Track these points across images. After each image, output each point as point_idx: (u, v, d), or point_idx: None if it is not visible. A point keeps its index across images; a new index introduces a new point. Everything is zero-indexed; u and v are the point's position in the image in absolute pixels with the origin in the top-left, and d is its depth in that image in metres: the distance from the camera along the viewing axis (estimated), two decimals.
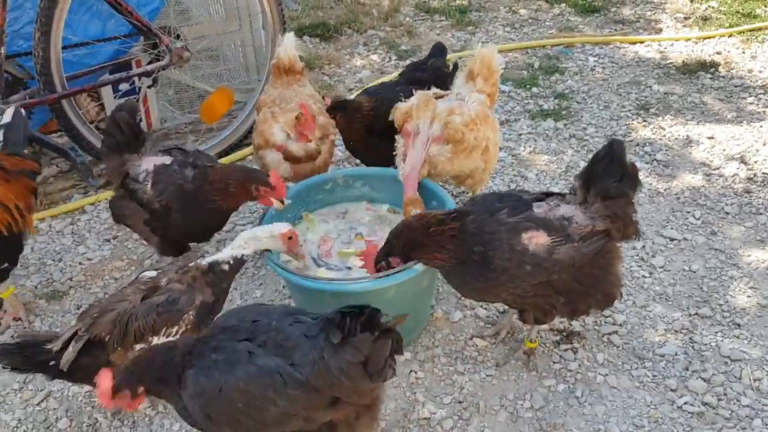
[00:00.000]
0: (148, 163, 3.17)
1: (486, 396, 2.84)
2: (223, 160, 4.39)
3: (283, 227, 2.77)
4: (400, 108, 3.40)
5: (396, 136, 3.40)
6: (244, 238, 2.71)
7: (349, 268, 3.06)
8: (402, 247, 2.69)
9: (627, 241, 2.75)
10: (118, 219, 3.34)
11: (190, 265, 2.66)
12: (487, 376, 2.93)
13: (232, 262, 2.67)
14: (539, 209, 2.63)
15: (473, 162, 3.37)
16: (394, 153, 3.38)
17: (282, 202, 3.06)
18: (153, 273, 2.71)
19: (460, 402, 2.83)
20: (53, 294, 3.48)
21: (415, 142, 3.27)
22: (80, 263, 3.68)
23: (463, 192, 4.01)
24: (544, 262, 2.54)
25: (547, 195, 2.73)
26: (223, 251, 2.70)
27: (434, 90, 3.54)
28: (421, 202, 3.14)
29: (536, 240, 2.54)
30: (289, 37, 3.63)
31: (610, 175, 2.62)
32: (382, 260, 2.73)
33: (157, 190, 3.10)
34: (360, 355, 2.08)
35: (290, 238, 2.75)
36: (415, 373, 2.96)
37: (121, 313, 2.55)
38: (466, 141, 3.25)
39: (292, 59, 3.58)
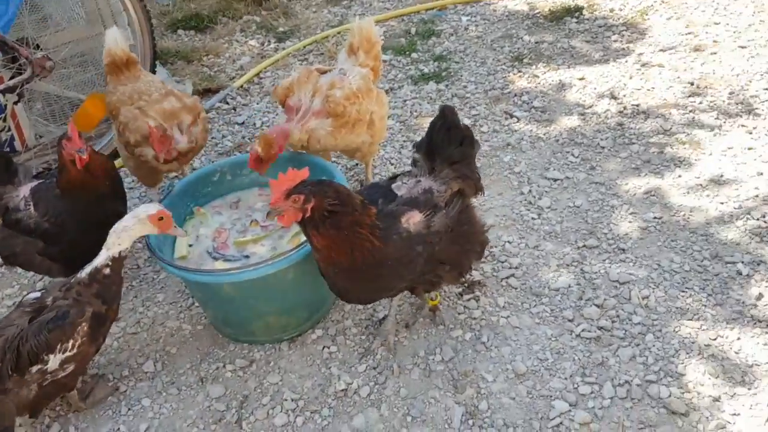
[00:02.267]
0: (24, 190, 3.03)
1: (399, 357, 2.91)
2: None
3: (150, 208, 2.62)
4: (282, 83, 3.39)
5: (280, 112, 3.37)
6: (115, 232, 2.59)
7: (247, 256, 3.05)
8: (324, 206, 2.36)
9: (476, 196, 2.89)
10: (10, 261, 3.15)
11: (71, 281, 2.58)
12: (398, 338, 3.00)
13: (111, 263, 2.58)
14: (400, 191, 2.66)
15: (359, 137, 3.38)
16: None
17: (81, 153, 2.86)
18: (37, 294, 2.62)
19: (374, 368, 2.88)
20: None
21: (298, 116, 3.27)
22: None
23: (357, 164, 4.05)
24: (426, 237, 2.56)
25: (393, 177, 2.78)
26: (98, 255, 2.61)
27: (317, 65, 3.54)
28: (272, 144, 3.10)
29: (413, 219, 2.56)
30: (114, 31, 3.49)
31: (450, 142, 2.71)
32: (302, 191, 2.35)
33: (41, 209, 2.97)
34: None
35: (161, 218, 2.60)
36: (328, 348, 2.99)
37: (9, 339, 2.46)
38: (347, 114, 3.25)
39: (126, 52, 3.47)
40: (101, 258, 2.59)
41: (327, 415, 2.73)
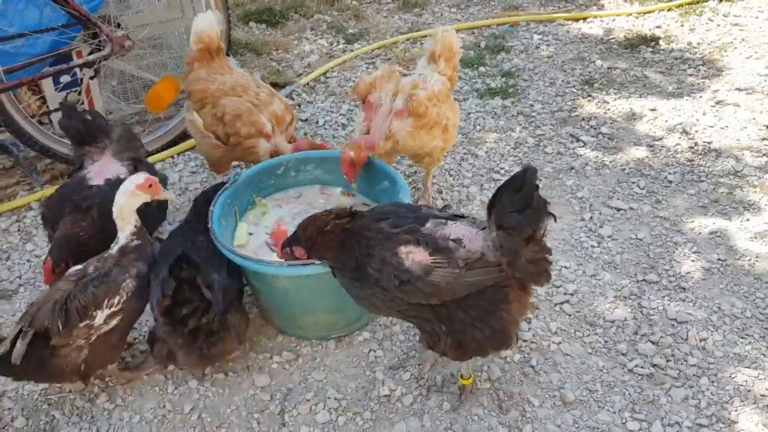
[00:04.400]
0: (102, 167, 3.16)
1: (444, 371, 2.89)
2: (172, 150, 4.34)
3: (137, 178, 2.72)
4: (365, 79, 3.44)
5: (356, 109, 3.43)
6: (118, 217, 2.70)
7: None
8: (304, 240, 2.49)
9: (529, 282, 2.45)
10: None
11: (105, 255, 2.71)
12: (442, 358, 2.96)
13: (134, 235, 2.71)
14: (426, 224, 2.42)
15: (433, 139, 3.41)
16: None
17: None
18: (79, 266, 2.73)
19: (418, 379, 2.87)
20: (2, 293, 3.39)
21: (378, 114, 3.31)
22: (28, 261, 3.60)
23: (417, 171, 4.05)
24: (418, 281, 2.34)
25: (458, 216, 2.51)
26: (118, 238, 2.73)
27: (398, 67, 3.57)
28: (362, 150, 3.19)
29: (414, 256, 2.35)
30: (209, 14, 3.48)
31: (511, 204, 2.30)
32: (286, 247, 2.55)
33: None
34: None
35: (150, 185, 2.72)
36: (374, 351, 2.99)
37: (58, 301, 2.55)
38: (429, 115, 3.28)
39: (219, 38, 3.49)
40: (122, 239, 2.71)
41: (369, 419, 2.72)
